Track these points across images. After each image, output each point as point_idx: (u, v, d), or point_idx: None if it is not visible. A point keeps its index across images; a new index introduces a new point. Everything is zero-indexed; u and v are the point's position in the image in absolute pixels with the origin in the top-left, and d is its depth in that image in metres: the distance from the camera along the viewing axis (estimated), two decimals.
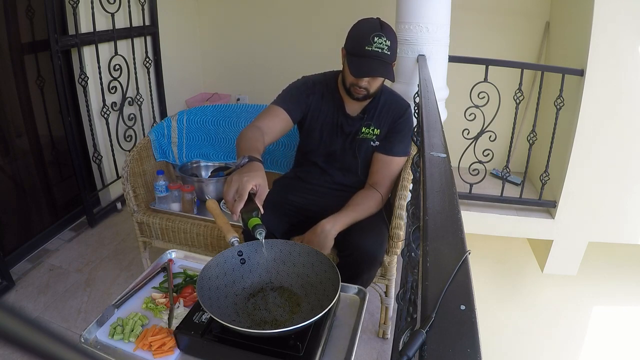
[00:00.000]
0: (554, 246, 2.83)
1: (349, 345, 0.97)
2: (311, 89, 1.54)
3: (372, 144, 1.55)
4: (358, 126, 1.54)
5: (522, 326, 3.41)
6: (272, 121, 1.43)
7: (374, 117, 1.54)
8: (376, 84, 1.44)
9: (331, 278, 1.02)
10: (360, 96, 1.45)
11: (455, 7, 2.09)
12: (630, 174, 2.60)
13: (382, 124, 1.54)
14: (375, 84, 1.43)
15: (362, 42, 1.35)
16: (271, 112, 1.47)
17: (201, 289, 0.98)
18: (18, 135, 2.20)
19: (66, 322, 1.79)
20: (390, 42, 1.36)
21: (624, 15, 2.29)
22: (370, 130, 1.54)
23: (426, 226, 0.63)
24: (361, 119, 1.53)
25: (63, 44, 2.17)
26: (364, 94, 1.44)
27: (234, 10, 3.38)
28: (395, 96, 1.58)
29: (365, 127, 1.54)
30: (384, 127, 1.54)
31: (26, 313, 0.21)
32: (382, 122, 1.54)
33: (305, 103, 1.53)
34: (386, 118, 1.54)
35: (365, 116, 1.53)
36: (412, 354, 0.42)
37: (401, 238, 1.48)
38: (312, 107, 1.54)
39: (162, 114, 3.04)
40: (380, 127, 1.54)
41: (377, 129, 1.54)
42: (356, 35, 1.39)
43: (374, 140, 1.55)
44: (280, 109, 1.47)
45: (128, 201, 1.80)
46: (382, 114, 1.54)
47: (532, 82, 2.97)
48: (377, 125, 1.54)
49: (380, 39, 1.34)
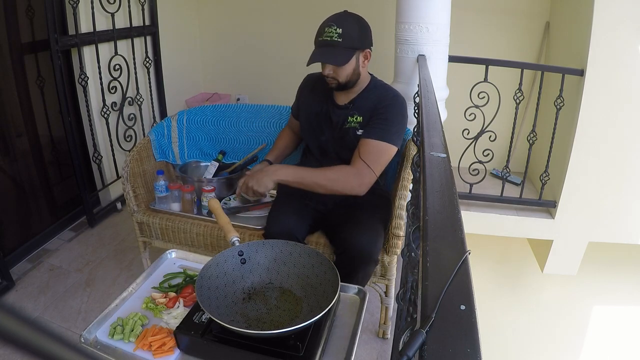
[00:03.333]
0: (554, 246, 2.83)
1: (349, 345, 0.97)
2: (305, 84, 1.73)
3: (357, 133, 1.55)
4: (345, 116, 1.58)
5: (522, 326, 3.41)
6: (292, 123, 1.87)
7: (360, 107, 1.56)
8: (343, 72, 1.49)
9: (331, 279, 1.02)
10: (333, 86, 1.53)
11: (455, 7, 2.09)
12: (631, 174, 2.60)
13: (365, 111, 1.55)
14: (341, 72, 1.48)
15: (318, 34, 1.48)
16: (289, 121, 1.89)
17: (200, 288, 0.98)
18: (18, 135, 2.20)
19: (66, 322, 1.78)
20: (342, 30, 1.43)
21: (624, 15, 2.28)
22: (354, 119, 1.56)
23: (426, 226, 0.63)
24: (347, 109, 1.57)
25: (63, 44, 2.17)
26: (335, 83, 1.51)
27: (234, 10, 3.38)
28: (386, 89, 1.59)
29: (350, 117, 1.57)
30: (367, 114, 1.55)
31: (26, 313, 0.21)
32: (365, 109, 1.56)
33: (299, 98, 1.75)
34: (370, 105, 1.55)
35: (351, 106, 1.57)
36: (412, 354, 0.42)
37: (401, 238, 1.47)
38: (303, 99, 1.70)
39: (162, 114, 3.04)
40: (362, 114, 1.55)
41: (360, 116, 1.56)
42: (318, 29, 1.50)
43: (358, 129, 1.55)
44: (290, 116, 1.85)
45: (128, 201, 1.80)
46: (367, 103, 1.56)
47: (532, 82, 2.96)
48: (360, 112, 1.56)
49: (330, 28, 1.44)
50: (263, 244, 1.14)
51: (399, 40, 2.05)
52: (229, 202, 2.00)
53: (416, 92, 1.96)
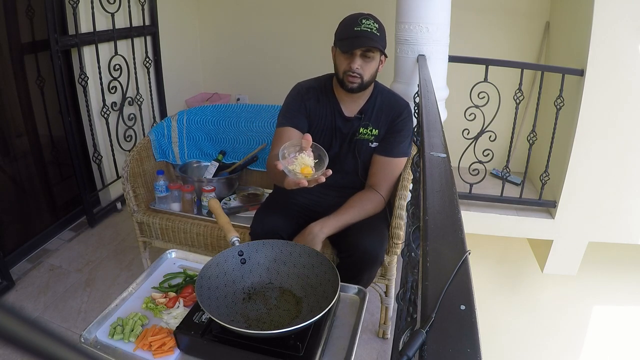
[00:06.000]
0: (554, 246, 2.83)
1: (349, 345, 0.97)
2: (305, 95, 1.54)
3: (371, 145, 1.54)
4: (356, 127, 1.53)
5: (522, 326, 3.41)
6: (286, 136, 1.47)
7: (372, 117, 1.52)
8: (369, 69, 1.41)
9: (331, 279, 1.02)
10: (355, 85, 1.41)
11: (455, 7, 2.09)
12: (630, 174, 2.60)
13: (381, 124, 1.52)
14: (368, 68, 1.40)
15: (351, 26, 1.37)
16: (282, 136, 1.48)
17: (200, 288, 0.98)
18: (18, 135, 2.20)
19: (66, 322, 1.78)
20: (378, 26, 1.38)
21: (624, 15, 2.28)
22: (368, 130, 1.52)
23: (426, 226, 0.63)
24: (359, 120, 1.52)
25: (63, 44, 2.17)
26: (358, 82, 1.41)
27: (234, 10, 3.38)
28: (393, 95, 1.57)
29: (363, 128, 1.52)
30: (383, 128, 1.53)
31: (26, 313, 0.21)
32: (380, 122, 1.52)
33: (305, 109, 1.53)
34: (384, 118, 1.52)
35: (363, 116, 1.52)
36: (412, 354, 0.42)
37: (401, 238, 1.47)
38: (310, 112, 1.54)
39: (162, 114, 3.04)
40: (378, 127, 1.52)
41: (376, 129, 1.52)
42: (344, 24, 1.42)
43: (372, 141, 1.53)
44: (287, 129, 1.50)
45: (128, 201, 1.80)
46: (380, 114, 1.52)
47: (532, 82, 2.96)
48: (375, 125, 1.52)
49: (368, 21, 1.37)
50: (263, 244, 1.14)
51: (399, 40, 2.05)
52: (229, 202, 2.00)
53: (416, 92, 1.96)
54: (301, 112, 1.52)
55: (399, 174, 1.57)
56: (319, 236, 1.39)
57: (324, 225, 1.41)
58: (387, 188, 1.54)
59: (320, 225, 1.40)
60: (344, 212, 1.45)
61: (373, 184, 1.54)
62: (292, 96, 1.56)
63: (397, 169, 1.55)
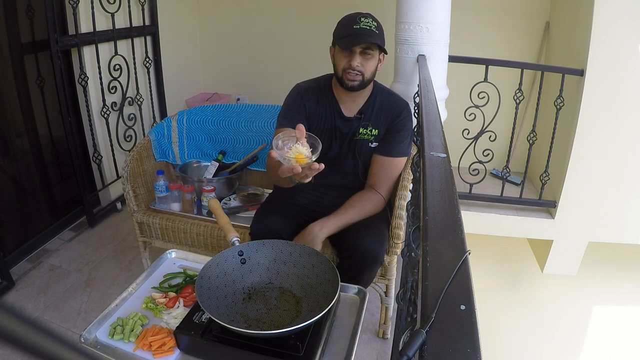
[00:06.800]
0: (554, 246, 2.83)
1: (349, 345, 0.97)
2: (305, 96, 1.54)
3: (371, 145, 1.54)
4: (356, 127, 1.53)
5: (522, 326, 3.41)
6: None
7: (372, 117, 1.52)
8: (369, 67, 1.41)
9: (331, 279, 1.02)
10: (356, 83, 1.41)
11: (455, 7, 2.09)
12: (630, 174, 2.60)
13: (380, 124, 1.53)
14: (368, 66, 1.41)
15: (350, 24, 1.38)
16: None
17: (200, 288, 0.98)
18: (18, 135, 2.20)
19: (66, 322, 1.78)
20: (377, 24, 1.39)
21: (623, 15, 2.28)
22: (367, 131, 1.53)
23: (426, 226, 0.63)
24: (358, 120, 1.52)
25: (63, 44, 2.17)
26: (359, 79, 1.41)
27: (234, 10, 3.38)
28: (392, 95, 1.57)
29: (362, 128, 1.52)
30: (382, 127, 1.53)
31: (26, 313, 0.21)
32: (380, 122, 1.53)
33: (305, 110, 1.54)
34: (384, 118, 1.52)
35: (363, 117, 1.52)
36: (412, 354, 0.42)
37: (401, 238, 1.47)
38: (310, 113, 1.54)
39: (162, 114, 3.04)
40: (378, 127, 1.53)
41: (375, 129, 1.53)
42: (343, 23, 1.43)
43: (372, 141, 1.54)
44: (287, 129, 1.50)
45: (128, 201, 1.80)
46: (379, 114, 1.53)
47: (532, 82, 2.96)
48: (375, 125, 1.53)
49: (367, 19, 1.38)
50: (263, 244, 1.14)
51: (399, 40, 2.05)
52: (229, 202, 2.00)
53: (416, 92, 1.96)
54: (301, 113, 1.52)
55: (399, 173, 1.58)
56: (319, 236, 1.39)
57: (324, 225, 1.41)
58: (387, 188, 1.54)
59: (320, 225, 1.41)
60: (344, 212, 1.45)
61: (373, 184, 1.54)
62: (292, 97, 1.56)
63: (397, 169, 1.56)
